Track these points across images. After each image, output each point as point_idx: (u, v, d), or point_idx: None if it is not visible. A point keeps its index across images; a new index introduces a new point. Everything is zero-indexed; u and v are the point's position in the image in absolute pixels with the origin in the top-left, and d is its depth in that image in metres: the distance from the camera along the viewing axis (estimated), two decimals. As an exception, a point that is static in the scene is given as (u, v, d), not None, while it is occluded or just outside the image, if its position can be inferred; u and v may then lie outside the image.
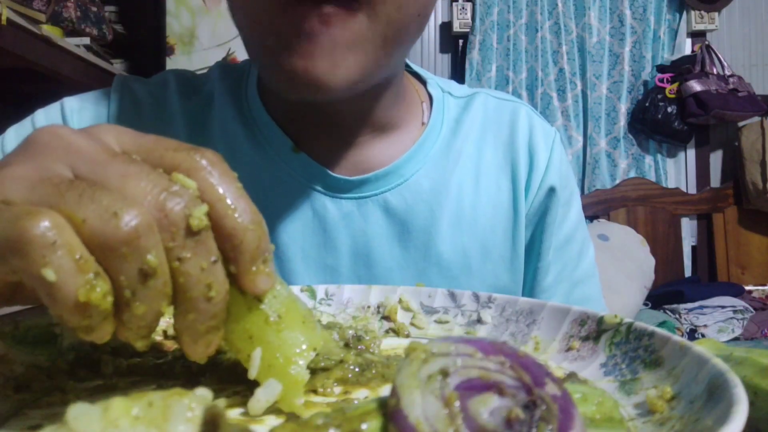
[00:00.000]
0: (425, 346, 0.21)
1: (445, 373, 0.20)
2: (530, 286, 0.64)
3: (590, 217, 2.62)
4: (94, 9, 2.14)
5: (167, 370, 0.34)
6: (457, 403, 0.19)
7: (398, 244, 0.60)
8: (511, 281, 0.63)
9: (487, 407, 0.19)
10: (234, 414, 0.28)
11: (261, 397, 0.27)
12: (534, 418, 0.19)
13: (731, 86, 2.55)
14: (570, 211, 0.65)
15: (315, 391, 0.31)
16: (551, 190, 0.63)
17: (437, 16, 2.78)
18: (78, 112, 0.59)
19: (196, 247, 0.25)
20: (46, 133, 0.27)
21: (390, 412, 0.19)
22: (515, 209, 0.63)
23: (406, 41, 0.51)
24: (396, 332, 0.44)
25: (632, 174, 2.73)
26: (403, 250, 0.60)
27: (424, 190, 0.60)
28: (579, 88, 2.72)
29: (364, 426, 0.20)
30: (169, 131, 0.59)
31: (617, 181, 2.70)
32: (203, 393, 0.20)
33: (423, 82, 0.66)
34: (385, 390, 0.32)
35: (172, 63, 2.60)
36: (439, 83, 0.67)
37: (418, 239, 0.60)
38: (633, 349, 0.34)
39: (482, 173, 0.63)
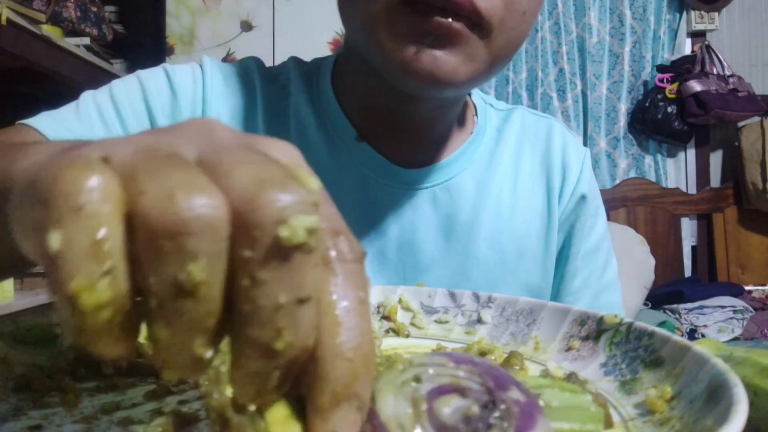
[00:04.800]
0: (404, 359, 0.23)
1: (417, 380, 0.22)
2: (557, 288, 0.68)
3: (590, 217, 2.61)
4: (94, 9, 2.14)
5: (167, 370, 0.34)
6: (424, 405, 0.21)
7: (442, 236, 0.64)
8: (543, 281, 0.67)
9: (450, 407, 0.21)
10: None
11: None
12: (491, 416, 0.21)
13: (731, 86, 2.55)
14: (597, 222, 0.70)
15: None
16: (582, 198, 0.69)
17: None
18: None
19: (280, 270, 0.17)
20: (198, 120, 0.22)
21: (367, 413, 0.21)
22: (549, 214, 0.68)
23: (503, 66, 0.58)
24: (396, 332, 0.44)
25: (632, 174, 2.73)
26: (446, 241, 0.64)
27: (469, 189, 0.65)
28: (579, 88, 2.72)
29: None
30: (252, 112, 0.63)
31: (617, 181, 2.71)
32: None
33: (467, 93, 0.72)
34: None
35: (172, 63, 2.60)
36: (481, 96, 0.73)
37: (461, 233, 0.64)
38: (633, 349, 0.34)
39: (520, 179, 0.68)
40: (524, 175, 0.69)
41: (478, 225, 0.65)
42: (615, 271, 0.72)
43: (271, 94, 0.65)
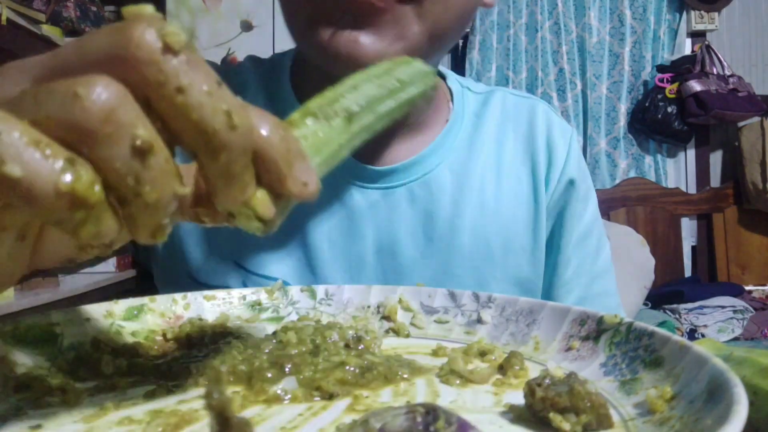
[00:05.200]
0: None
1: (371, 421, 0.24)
2: (550, 279, 0.65)
3: (590, 217, 2.61)
4: (94, 9, 2.14)
5: (166, 371, 0.34)
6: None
7: (422, 235, 0.61)
8: (533, 273, 0.63)
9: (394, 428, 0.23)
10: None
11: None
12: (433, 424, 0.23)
13: (731, 86, 2.55)
14: (588, 206, 0.66)
15: (318, 388, 0.31)
16: (570, 183, 0.64)
17: (437, 16, 2.77)
18: None
19: (190, 70, 0.22)
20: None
21: None
22: (536, 201, 0.64)
23: (448, 42, 0.53)
24: (396, 332, 0.44)
25: (632, 174, 2.73)
26: (427, 240, 0.61)
27: (448, 182, 0.61)
28: (579, 88, 2.72)
29: None
30: None
31: (617, 181, 2.71)
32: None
33: (442, 77, 0.68)
34: (385, 391, 0.32)
35: (172, 63, 2.60)
36: (458, 79, 0.68)
37: (442, 230, 0.61)
38: (633, 349, 0.34)
39: (503, 166, 0.64)
40: (507, 162, 0.64)
41: (461, 219, 0.61)
42: (608, 256, 0.68)
43: None
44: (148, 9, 0.22)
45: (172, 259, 0.61)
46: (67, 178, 0.20)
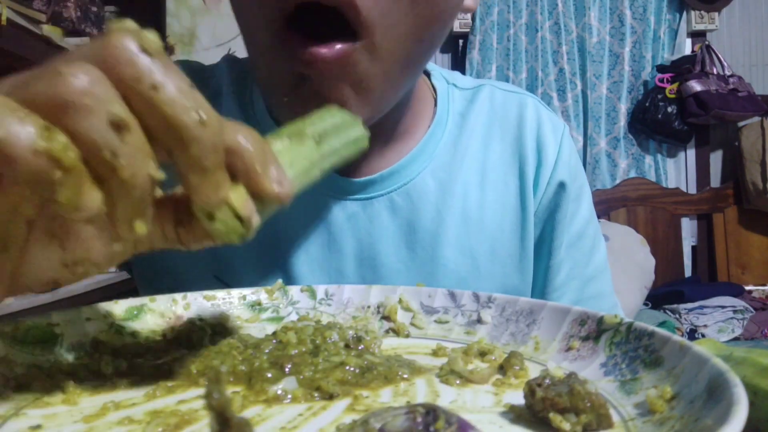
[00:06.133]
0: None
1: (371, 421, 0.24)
2: (542, 285, 0.62)
3: (590, 217, 2.61)
4: (94, 9, 2.14)
5: (166, 371, 0.34)
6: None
7: (404, 246, 0.58)
8: (521, 281, 0.61)
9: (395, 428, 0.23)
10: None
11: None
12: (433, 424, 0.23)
13: (731, 86, 2.55)
14: (581, 206, 0.63)
15: (318, 388, 0.31)
16: (561, 186, 0.61)
17: (437, 16, 2.77)
18: None
19: (165, 72, 0.24)
20: None
21: None
22: (523, 207, 0.61)
23: (413, 71, 0.50)
24: (396, 332, 0.44)
25: (632, 174, 2.73)
26: (409, 251, 0.59)
27: (430, 189, 0.59)
28: (579, 88, 2.72)
29: None
30: None
31: (617, 181, 2.70)
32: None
33: (427, 74, 0.65)
34: (385, 391, 0.32)
35: (172, 63, 2.60)
36: (444, 74, 0.65)
37: (425, 240, 0.59)
38: (633, 349, 0.34)
39: (489, 170, 0.61)
40: (493, 165, 0.61)
41: (444, 229, 0.58)
42: (603, 256, 0.65)
43: None
44: (130, 23, 0.25)
45: (152, 270, 0.60)
46: (43, 139, 0.22)
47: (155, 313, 0.42)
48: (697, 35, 2.76)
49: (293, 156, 0.31)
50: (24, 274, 0.30)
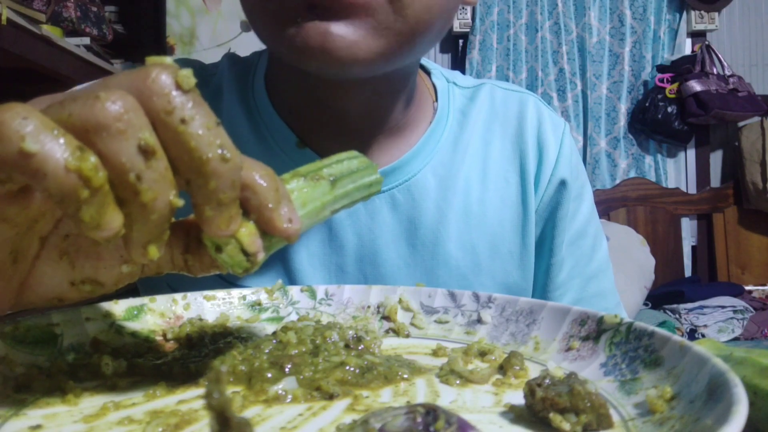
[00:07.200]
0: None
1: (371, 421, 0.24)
2: (543, 283, 0.63)
3: (590, 217, 2.62)
4: (94, 9, 2.14)
5: (166, 371, 0.34)
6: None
7: (405, 243, 0.58)
8: (522, 278, 0.61)
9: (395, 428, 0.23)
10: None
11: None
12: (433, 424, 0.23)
13: (731, 86, 2.55)
14: (582, 204, 0.63)
15: (318, 388, 0.31)
16: (562, 184, 0.61)
17: (437, 16, 2.77)
18: None
19: (195, 108, 0.25)
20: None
21: None
22: (524, 204, 0.61)
23: (430, 38, 0.51)
24: (396, 332, 0.44)
25: (632, 174, 2.73)
26: (410, 248, 0.58)
27: (432, 186, 0.59)
28: (579, 88, 2.72)
29: None
30: None
31: (617, 181, 2.71)
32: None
33: (427, 72, 0.65)
34: (385, 391, 0.32)
35: (172, 63, 2.61)
36: (444, 73, 0.65)
37: (426, 237, 0.58)
38: (633, 349, 0.34)
39: (490, 167, 0.61)
40: (494, 162, 0.61)
41: (445, 225, 0.59)
42: (604, 255, 0.65)
43: (205, 99, 0.61)
44: (168, 59, 0.26)
45: None
46: (75, 158, 0.23)
47: (155, 313, 0.42)
48: (697, 35, 2.76)
49: (306, 196, 0.32)
50: (30, 288, 0.31)
